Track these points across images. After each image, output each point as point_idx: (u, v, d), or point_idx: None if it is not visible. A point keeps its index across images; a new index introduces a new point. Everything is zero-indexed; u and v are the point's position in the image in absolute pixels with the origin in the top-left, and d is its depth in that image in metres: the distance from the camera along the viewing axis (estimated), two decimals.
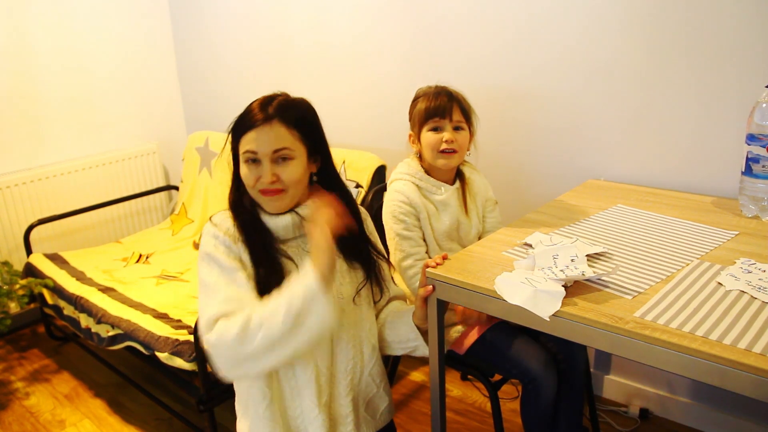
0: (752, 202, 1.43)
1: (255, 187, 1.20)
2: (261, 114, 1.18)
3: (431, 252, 1.58)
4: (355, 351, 1.29)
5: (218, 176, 2.69)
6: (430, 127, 1.54)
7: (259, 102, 1.22)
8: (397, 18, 2.18)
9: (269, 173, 1.17)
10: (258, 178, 1.18)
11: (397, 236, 1.54)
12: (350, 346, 1.28)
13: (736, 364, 0.88)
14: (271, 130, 1.18)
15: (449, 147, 1.52)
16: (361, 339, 1.31)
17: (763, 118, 1.37)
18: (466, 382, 2.18)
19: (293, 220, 1.23)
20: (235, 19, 2.73)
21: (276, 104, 1.20)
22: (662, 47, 1.66)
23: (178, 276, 2.33)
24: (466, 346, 1.52)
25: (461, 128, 1.55)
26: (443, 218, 1.58)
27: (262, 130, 1.17)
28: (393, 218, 1.54)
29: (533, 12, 1.86)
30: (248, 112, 1.21)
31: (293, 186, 1.20)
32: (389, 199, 1.57)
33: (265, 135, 1.17)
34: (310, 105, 1.26)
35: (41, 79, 2.65)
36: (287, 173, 1.19)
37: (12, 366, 2.44)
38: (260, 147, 1.17)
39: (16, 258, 2.57)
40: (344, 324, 1.26)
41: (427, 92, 1.58)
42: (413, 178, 1.58)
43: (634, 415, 1.94)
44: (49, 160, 2.73)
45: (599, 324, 1.01)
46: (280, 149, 1.18)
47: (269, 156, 1.18)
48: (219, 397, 1.75)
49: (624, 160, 1.81)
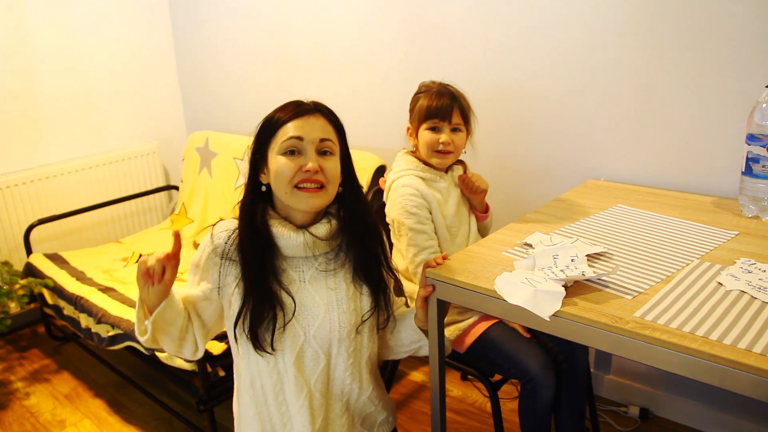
0: (752, 202, 1.43)
1: (294, 179, 1.12)
2: (301, 107, 1.15)
3: (441, 240, 1.58)
4: (353, 378, 1.24)
5: (218, 176, 2.69)
6: (428, 126, 1.55)
7: (289, 103, 1.18)
8: (397, 18, 2.18)
9: (315, 160, 1.12)
10: (299, 167, 1.12)
11: (411, 231, 1.53)
12: (348, 374, 1.23)
13: (737, 364, 0.88)
14: (317, 119, 1.15)
15: (445, 149, 1.55)
16: (361, 367, 1.26)
17: (763, 118, 1.37)
18: (466, 382, 2.18)
19: (305, 240, 1.16)
20: (235, 19, 2.73)
21: (311, 102, 1.18)
22: (663, 47, 1.66)
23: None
24: (466, 345, 1.52)
25: (459, 130, 1.57)
26: (449, 204, 1.59)
27: (308, 119, 1.14)
28: (405, 213, 1.53)
29: (533, 13, 1.86)
30: (284, 108, 1.16)
31: (332, 183, 1.15)
32: (398, 195, 1.55)
33: (311, 123, 1.13)
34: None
35: (41, 79, 2.65)
36: (330, 166, 1.14)
37: (12, 366, 2.44)
38: (307, 133, 1.12)
39: (16, 258, 2.57)
40: (342, 353, 1.21)
41: (430, 88, 1.58)
42: (416, 171, 1.58)
43: (634, 415, 1.94)
44: (49, 160, 2.73)
45: (599, 324, 1.01)
46: (327, 139, 1.14)
47: (315, 144, 1.13)
48: (219, 397, 1.75)
49: (624, 160, 1.81)
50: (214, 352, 1.70)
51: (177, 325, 1.18)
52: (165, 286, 1.12)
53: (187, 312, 1.21)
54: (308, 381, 1.20)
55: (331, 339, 1.20)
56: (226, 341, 1.73)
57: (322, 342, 1.19)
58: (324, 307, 1.19)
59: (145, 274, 1.10)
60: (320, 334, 1.19)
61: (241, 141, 2.63)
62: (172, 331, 1.18)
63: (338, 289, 1.21)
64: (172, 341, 1.20)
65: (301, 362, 1.19)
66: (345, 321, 1.19)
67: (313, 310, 1.18)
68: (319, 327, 1.18)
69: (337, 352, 1.21)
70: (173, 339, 1.20)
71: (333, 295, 1.20)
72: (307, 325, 1.18)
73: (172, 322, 1.17)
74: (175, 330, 1.19)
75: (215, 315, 1.24)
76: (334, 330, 1.19)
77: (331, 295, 1.20)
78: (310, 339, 1.19)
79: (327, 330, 1.19)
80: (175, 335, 1.19)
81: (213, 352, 1.70)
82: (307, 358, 1.20)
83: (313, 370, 1.20)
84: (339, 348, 1.21)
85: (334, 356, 1.21)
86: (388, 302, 1.27)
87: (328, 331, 1.19)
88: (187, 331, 1.21)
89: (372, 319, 1.25)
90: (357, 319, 1.21)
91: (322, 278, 1.20)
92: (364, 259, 1.21)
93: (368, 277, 1.22)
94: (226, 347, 1.72)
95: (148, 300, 1.13)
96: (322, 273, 1.20)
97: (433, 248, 1.55)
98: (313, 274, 1.20)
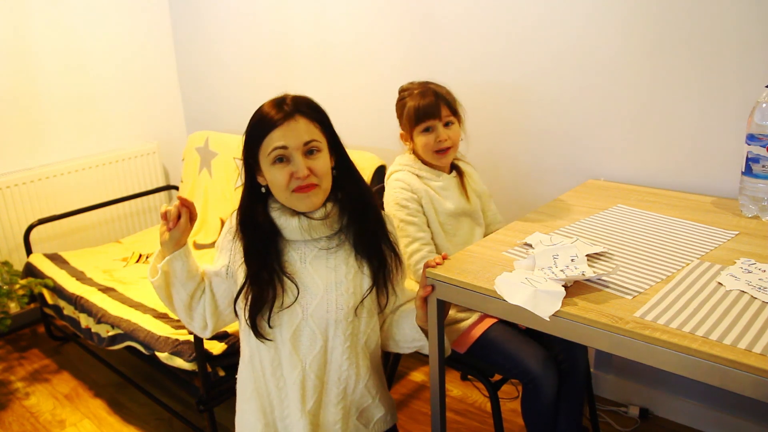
0: (752, 202, 1.43)
1: (288, 186, 1.18)
2: (281, 112, 1.17)
3: (436, 236, 1.58)
4: (350, 363, 1.26)
5: (218, 176, 2.69)
6: (421, 129, 1.56)
7: (271, 103, 1.20)
8: (396, 18, 2.18)
9: (303, 166, 1.16)
10: (291, 175, 1.17)
11: (402, 222, 1.54)
12: (344, 358, 1.25)
13: (736, 364, 0.88)
14: (297, 124, 1.17)
15: (444, 146, 1.55)
16: (358, 352, 1.27)
17: (763, 118, 1.37)
18: (466, 382, 2.18)
19: (300, 223, 1.21)
20: (235, 19, 2.73)
21: (290, 101, 1.19)
22: (662, 47, 1.66)
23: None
24: (467, 345, 1.52)
25: (451, 123, 1.57)
26: (446, 201, 1.59)
27: (288, 125, 1.17)
28: (396, 206, 1.55)
29: (533, 12, 1.86)
30: (265, 114, 1.19)
31: (325, 178, 1.20)
32: (390, 189, 1.58)
33: (292, 130, 1.16)
34: (315, 101, 1.26)
35: (41, 79, 2.65)
36: (319, 165, 1.18)
37: (12, 366, 2.44)
38: (290, 141, 1.16)
39: (16, 258, 2.57)
40: (339, 335, 1.23)
41: (411, 90, 1.59)
42: (412, 168, 1.60)
43: (634, 415, 1.94)
44: (49, 160, 2.73)
45: (599, 324, 1.01)
46: (310, 141, 1.18)
47: (300, 149, 1.17)
48: (219, 397, 1.75)
49: (624, 160, 1.81)
50: (214, 352, 1.70)
51: (188, 288, 1.25)
52: (180, 232, 1.20)
53: (204, 283, 1.28)
54: (303, 360, 1.23)
55: (328, 320, 1.22)
56: (227, 341, 1.73)
57: (319, 322, 1.22)
58: (323, 287, 1.22)
59: (163, 216, 1.19)
60: (317, 313, 1.22)
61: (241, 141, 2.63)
62: (183, 293, 1.25)
63: (338, 269, 1.24)
64: (183, 305, 1.26)
65: (297, 340, 1.23)
66: (343, 303, 1.22)
67: (312, 289, 1.22)
68: (316, 306, 1.21)
69: (334, 334, 1.24)
70: (183, 303, 1.26)
71: (332, 276, 1.23)
72: (306, 303, 1.22)
73: (184, 283, 1.24)
74: (185, 293, 1.25)
75: (227, 296, 1.29)
76: (331, 311, 1.22)
77: (331, 275, 1.23)
78: (308, 318, 1.22)
79: (324, 310, 1.22)
80: (185, 299, 1.26)
81: (213, 352, 1.70)
82: (304, 337, 1.23)
83: (309, 350, 1.23)
84: (336, 330, 1.23)
85: (331, 338, 1.24)
86: (387, 279, 1.29)
87: (325, 311, 1.22)
88: (198, 300, 1.28)
89: (371, 302, 1.28)
90: (356, 302, 1.24)
91: (323, 258, 1.24)
92: (363, 236, 1.25)
93: (368, 254, 1.26)
94: (226, 347, 1.72)
95: (166, 247, 1.21)
96: (323, 252, 1.24)
97: (425, 239, 1.55)
98: (315, 255, 1.24)
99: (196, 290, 1.26)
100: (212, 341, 1.72)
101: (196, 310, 1.28)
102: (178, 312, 1.29)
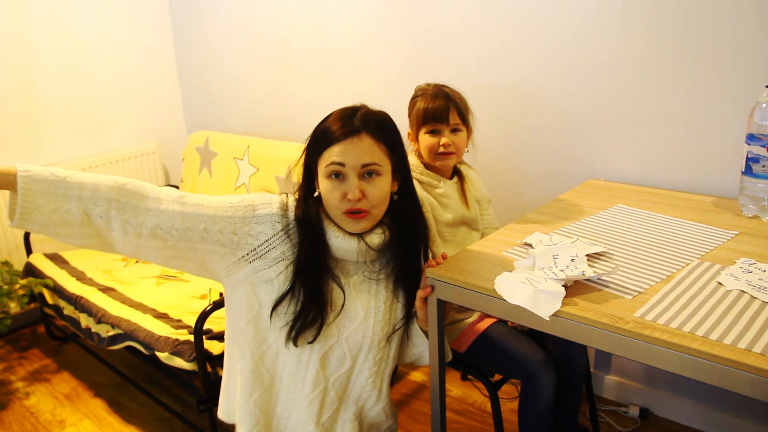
0: (752, 202, 1.43)
1: (339, 207, 1.12)
2: (347, 126, 1.11)
3: (432, 243, 1.58)
4: (373, 386, 1.26)
5: (218, 176, 2.69)
6: (427, 130, 1.55)
7: (340, 113, 1.15)
8: (397, 19, 2.18)
9: (356, 189, 1.10)
10: (344, 195, 1.11)
11: None
12: (370, 381, 1.25)
13: (736, 364, 0.88)
14: (360, 142, 1.11)
15: (446, 150, 1.54)
16: (383, 377, 1.27)
17: (763, 118, 1.37)
18: (466, 382, 2.18)
19: (359, 248, 1.16)
20: (235, 20, 2.73)
21: (360, 116, 1.13)
22: (662, 47, 1.66)
23: (179, 276, 2.32)
24: (467, 343, 1.52)
25: (458, 130, 1.56)
26: (446, 211, 1.59)
27: (351, 142, 1.10)
28: None
29: (532, 12, 1.86)
30: (331, 125, 1.13)
31: (379, 206, 1.14)
32: None
33: (354, 148, 1.10)
34: (390, 118, 1.19)
35: (41, 80, 2.65)
36: (375, 190, 1.12)
37: (12, 366, 2.44)
38: (349, 159, 1.10)
39: (16, 258, 2.57)
40: (369, 360, 1.23)
41: (426, 91, 1.58)
42: (414, 173, 1.58)
43: (634, 415, 1.94)
44: (50, 160, 2.73)
45: (599, 324, 1.01)
46: (369, 164, 1.11)
47: (357, 170, 1.11)
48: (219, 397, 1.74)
49: (624, 160, 1.81)
50: (214, 352, 1.70)
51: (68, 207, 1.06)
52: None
53: (100, 194, 1.08)
54: (328, 378, 1.22)
55: (362, 345, 1.21)
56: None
57: (353, 346, 1.21)
58: (363, 313, 1.20)
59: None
60: (353, 338, 1.20)
61: (241, 141, 2.63)
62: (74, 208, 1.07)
63: (378, 296, 1.22)
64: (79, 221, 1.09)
65: (326, 360, 1.21)
66: (379, 329, 1.21)
67: (352, 313, 1.19)
68: (353, 331, 1.20)
69: (365, 359, 1.23)
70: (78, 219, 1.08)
71: (372, 302, 1.21)
72: (343, 326, 1.19)
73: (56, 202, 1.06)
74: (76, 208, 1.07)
75: (186, 255, 1.13)
76: (367, 336, 1.20)
77: (371, 302, 1.21)
78: (342, 341, 1.20)
79: (360, 335, 1.20)
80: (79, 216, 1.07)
81: (213, 352, 1.70)
82: (334, 357, 1.21)
83: (336, 370, 1.22)
84: (367, 355, 1.22)
85: (360, 362, 1.23)
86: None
87: (361, 337, 1.20)
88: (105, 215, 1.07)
89: (402, 330, 1.27)
90: (390, 329, 1.23)
91: (366, 284, 1.22)
92: (406, 268, 1.23)
93: (406, 287, 1.24)
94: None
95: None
96: (366, 279, 1.21)
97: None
98: (358, 279, 1.21)
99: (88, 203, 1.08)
100: (212, 341, 1.72)
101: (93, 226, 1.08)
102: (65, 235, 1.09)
